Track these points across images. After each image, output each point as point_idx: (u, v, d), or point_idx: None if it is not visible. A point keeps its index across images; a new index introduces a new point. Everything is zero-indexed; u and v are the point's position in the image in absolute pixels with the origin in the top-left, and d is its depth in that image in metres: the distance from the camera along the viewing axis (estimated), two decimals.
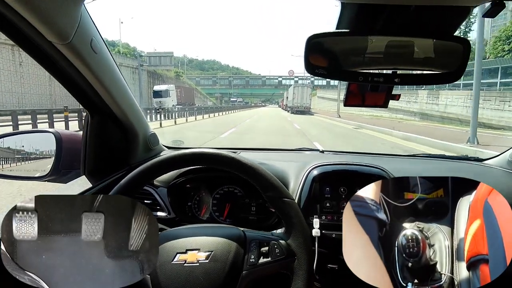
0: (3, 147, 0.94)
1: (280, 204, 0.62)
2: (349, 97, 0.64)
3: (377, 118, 18.81)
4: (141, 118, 1.00)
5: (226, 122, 16.24)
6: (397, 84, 0.53)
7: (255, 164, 0.63)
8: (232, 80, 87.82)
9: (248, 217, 1.00)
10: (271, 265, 0.60)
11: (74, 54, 0.65)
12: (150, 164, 0.65)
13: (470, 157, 1.30)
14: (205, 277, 0.58)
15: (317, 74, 0.52)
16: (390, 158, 1.32)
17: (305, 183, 0.91)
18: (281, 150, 1.45)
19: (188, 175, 0.99)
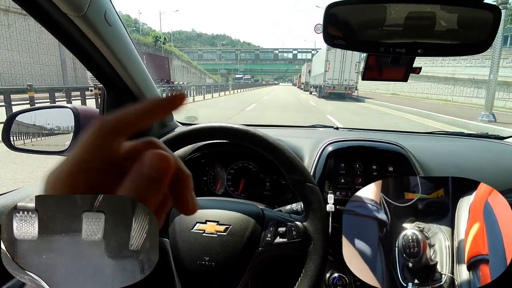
0: (25, 122, 0.98)
1: (302, 188, 0.61)
2: (367, 71, 0.62)
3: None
4: (156, 93, 1.00)
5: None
6: (420, 56, 0.50)
7: (281, 144, 0.63)
8: (239, 54, 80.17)
9: (263, 192, 1.01)
10: (287, 246, 0.61)
11: (89, 27, 0.65)
12: (176, 134, 0.65)
13: (490, 135, 1.27)
14: (222, 249, 0.60)
15: (336, 45, 0.50)
16: (407, 135, 1.29)
17: (320, 159, 0.91)
18: (296, 126, 1.45)
19: (203, 150, 1.01)
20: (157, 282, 0.59)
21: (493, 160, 1.03)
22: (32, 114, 1.01)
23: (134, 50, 0.84)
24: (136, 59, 0.85)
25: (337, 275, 0.83)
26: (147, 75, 0.92)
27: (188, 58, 48.75)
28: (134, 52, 0.84)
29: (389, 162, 0.89)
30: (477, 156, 1.05)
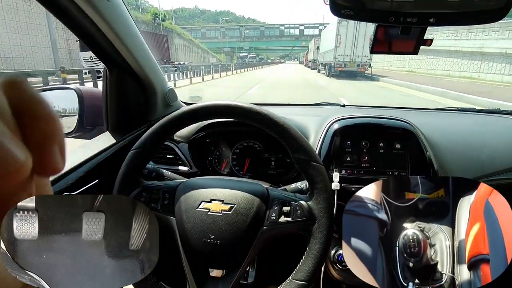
0: None
1: (308, 168, 0.61)
2: (376, 43, 0.59)
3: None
4: (159, 72, 0.99)
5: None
6: (432, 25, 0.47)
7: (287, 123, 0.62)
8: (243, 31, 77.30)
9: (268, 171, 1.02)
10: (291, 225, 0.61)
11: (87, 2, 0.63)
12: (181, 112, 0.64)
13: (502, 111, 1.23)
14: (227, 227, 0.61)
15: (343, 15, 0.47)
16: (416, 111, 1.26)
17: (326, 136, 0.90)
18: (302, 105, 1.42)
19: (207, 129, 1.00)
20: (164, 259, 0.61)
21: (504, 136, 1.00)
22: None
23: (135, 27, 0.82)
24: (136, 36, 0.83)
25: (342, 251, 0.84)
26: (148, 53, 0.90)
27: (190, 36, 45.29)
28: (134, 28, 0.82)
29: (396, 139, 0.87)
30: (487, 132, 1.03)
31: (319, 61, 23.96)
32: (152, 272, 0.57)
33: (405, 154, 0.86)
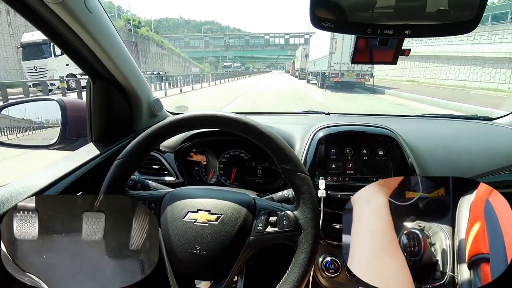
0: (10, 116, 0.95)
1: (294, 178, 0.62)
2: (357, 53, 0.62)
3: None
4: (144, 83, 0.98)
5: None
6: (408, 37, 0.50)
7: (273, 133, 0.62)
8: (228, 40, 76.63)
9: (255, 180, 1.02)
10: (277, 235, 0.61)
11: (68, 14, 0.62)
12: (167, 123, 0.63)
13: (479, 117, 1.29)
14: (213, 237, 0.60)
15: (324, 27, 0.49)
16: (398, 118, 1.31)
17: (311, 144, 0.91)
18: (287, 113, 1.44)
19: (193, 139, 1.00)
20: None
21: (482, 141, 1.04)
22: (17, 107, 0.99)
23: (118, 37, 0.82)
24: (120, 46, 0.83)
25: (329, 259, 0.85)
26: (133, 63, 0.90)
27: (170, 45, 43.54)
28: (118, 39, 0.81)
29: (379, 146, 0.90)
30: (466, 138, 1.07)
31: (309, 70, 21.74)
32: (137, 283, 0.56)
33: (388, 160, 0.89)
